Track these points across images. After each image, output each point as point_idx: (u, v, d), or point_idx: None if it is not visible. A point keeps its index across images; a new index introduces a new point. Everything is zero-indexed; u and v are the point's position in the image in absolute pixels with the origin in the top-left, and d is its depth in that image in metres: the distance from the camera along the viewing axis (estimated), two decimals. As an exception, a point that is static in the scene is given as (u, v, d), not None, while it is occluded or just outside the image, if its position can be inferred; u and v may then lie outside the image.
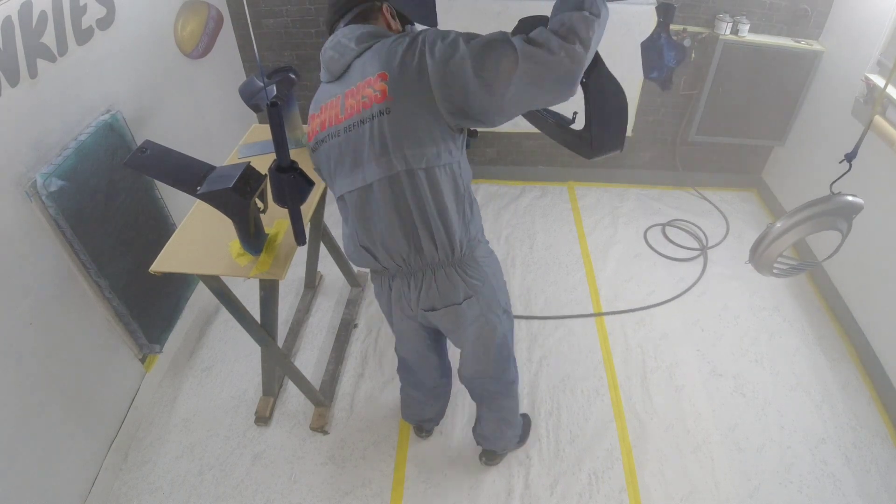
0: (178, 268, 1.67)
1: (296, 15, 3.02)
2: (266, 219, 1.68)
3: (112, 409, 2.11)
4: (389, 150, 1.23)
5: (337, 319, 2.69)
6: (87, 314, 1.95)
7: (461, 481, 2.08)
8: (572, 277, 2.92)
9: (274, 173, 1.41)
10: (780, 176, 3.36)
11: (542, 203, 3.44)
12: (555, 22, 1.11)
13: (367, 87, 1.22)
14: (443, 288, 1.46)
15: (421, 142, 1.23)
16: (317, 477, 2.10)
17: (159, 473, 2.11)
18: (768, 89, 2.97)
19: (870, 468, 2.12)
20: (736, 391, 2.38)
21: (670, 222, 3.28)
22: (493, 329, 1.61)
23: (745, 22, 2.81)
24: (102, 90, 1.99)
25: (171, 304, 2.37)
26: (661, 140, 3.41)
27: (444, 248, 1.37)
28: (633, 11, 2.82)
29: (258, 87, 1.91)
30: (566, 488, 2.05)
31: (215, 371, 2.47)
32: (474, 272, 1.47)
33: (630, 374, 2.45)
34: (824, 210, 1.45)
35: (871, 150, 2.10)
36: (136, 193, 2.13)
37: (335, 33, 1.36)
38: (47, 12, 1.68)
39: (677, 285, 2.88)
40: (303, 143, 2.13)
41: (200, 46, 2.65)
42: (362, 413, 2.31)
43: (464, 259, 1.43)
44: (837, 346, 2.59)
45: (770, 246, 1.51)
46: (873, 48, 2.48)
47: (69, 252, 1.83)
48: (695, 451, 2.16)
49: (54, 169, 1.71)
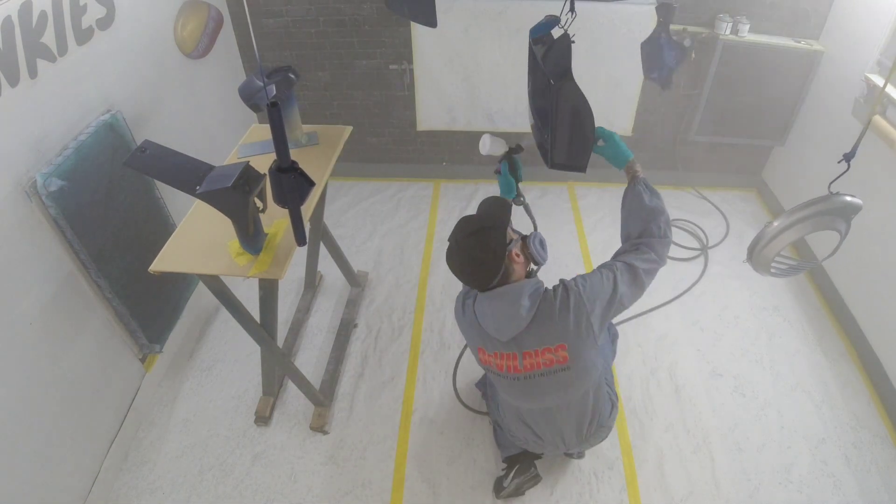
0: (177, 267, 1.67)
1: (296, 15, 3.02)
2: (266, 219, 1.68)
3: (112, 409, 2.12)
4: (566, 389, 1.60)
5: (337, 319, 2.69)
6: (87, 314, 1.95)
7: (461, 481, 2.08)
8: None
9: (274, 173, 1.41)
10: (780, 176, 3.36)
11: (542, 203, 3.44)
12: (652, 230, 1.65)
13: (549, 353, 1.52)
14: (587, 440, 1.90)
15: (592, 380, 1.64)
16: (317, 477, 2.10)
17: (159, 473, 2.11)
18: (768, 89, 2.97)
19: (870, 468, 2.12)
20: (736, 391, 2.38)
21: (670, 222, 3.28)
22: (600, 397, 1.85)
23: (745, 22, 2.81)
24: (102, 90, 2.00)
25: (171, 304, 2.37)
26: (661, 140, 3.41)
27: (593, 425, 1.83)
28: (633, 11, 2.82)
29: (258, 87, 1.91)
30: (566, 488, 2.05)
31: (215, 371, 2.47)
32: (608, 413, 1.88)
33: (630, 374, 2.45)
34: (822, 210, 1.45)
35: (871, 150, 2.10)
36: (136, 193, 2.13)
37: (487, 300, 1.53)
38: (47, 12, 1.68)
39: (677, 285, 2.88)
40: (302, 143, 2.13)
41: (200, 46, 2.66)
42: (362, 413, 2.31)
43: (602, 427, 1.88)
44: (837, 346, 2.59)
45: (767, 245, 1.51)
46: (873, 48, 2.48)
47: (69, 252, 1.83)
48: (695, 451, 2.16)
49: (54, 169, 1.71)
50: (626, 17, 2.84)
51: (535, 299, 1.49)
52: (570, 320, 1.48)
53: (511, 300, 1.48)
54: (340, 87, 3.27)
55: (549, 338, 1.50)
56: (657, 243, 1.60)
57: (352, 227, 3.25)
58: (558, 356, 1.51)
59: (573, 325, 1.48)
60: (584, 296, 1.50)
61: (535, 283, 1.54)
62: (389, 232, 3.22)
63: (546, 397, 1.62)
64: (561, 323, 1.48)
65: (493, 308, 1.51)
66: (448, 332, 2.63)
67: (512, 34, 2.89)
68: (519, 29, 2.86)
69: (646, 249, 1.59)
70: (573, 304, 1.49)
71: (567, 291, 1.51)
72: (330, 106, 3.35)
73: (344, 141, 2.16)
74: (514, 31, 2.88)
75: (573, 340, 1.50)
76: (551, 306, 1.49)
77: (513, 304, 1.48)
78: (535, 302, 1.49)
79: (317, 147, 2.12)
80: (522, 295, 1.48)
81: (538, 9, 1.53)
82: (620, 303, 1.53)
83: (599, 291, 1.51)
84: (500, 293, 1.49)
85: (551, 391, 1.59)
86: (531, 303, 1.48)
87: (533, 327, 1.49)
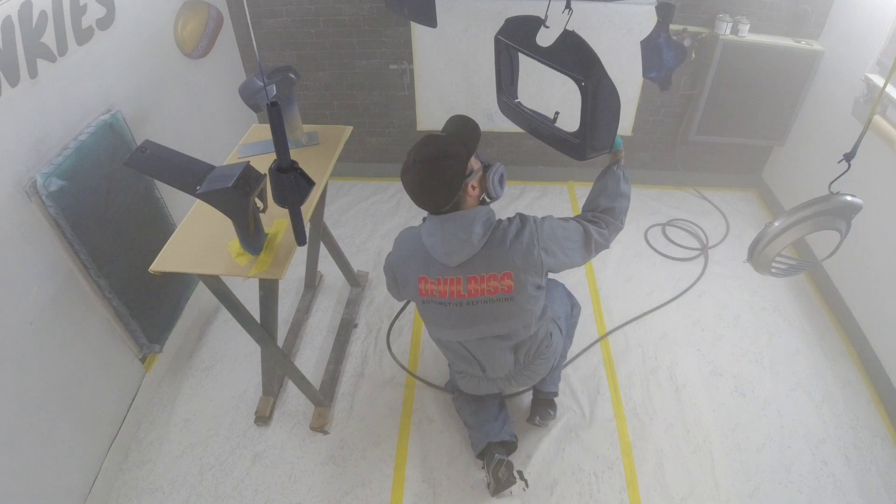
0: (177, 267, 1.67)
1: (296, 15, 3.02)
2: (266, 219, 1.68)
3: (112, 409, 2.12)
4: (506, 321, 1.62)
5: (337, 319, 2.69)
6: (87, 314, 1.95)
7: (461, 481, 2.08)
8: (572, 277, 2.92)
9: (274, 173, 1.41)
10: (780, 176, 3.36)
11: (542, 203, 3.44)
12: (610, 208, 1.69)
13: (494, 280, 1.54)
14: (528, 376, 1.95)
15: (535, 313, 1.65)
16: (317, 477, 2.10)
17: (159, 473, 2.11)
18: (768, 89, 2.97)
19: (870, 468, 2.12)
20: (736, 391, 2.38)
21: (670, 222, 3.28)
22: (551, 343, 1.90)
23: (745, 22, 2.81)
24: (102, 90, 2.00)
25: (171, 304, 2.37)
26: (661, 140, 3.41)
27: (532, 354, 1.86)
28: (633, 11, 2.82)
29: (258, 87, 1.91)
30: (566, 488, 2.05)
31: (215, 371, 2.48)
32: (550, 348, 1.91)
33: (630, 373, 2.45)
34: (823, 210, 1.45)
35: (871, 149, 2.10)
36: (136, 193, 2.13)
37: (437, 224, 1.54)
38: (47, 12, 1.68)
39: (677, 285, 2.88)
40: (303, 143, 2.13)
41: (200, 46, 2.66)
42: (362, 413, 2.31)
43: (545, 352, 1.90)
44: (837, 346, 2.59)
45: (768, 245, 1.51)
46: (873, 48, 2.48)
47: (69, 252, 1.83)
48: (695, 451, 2.16)
49: (54, 169, 1.71)
50: (625, 17, 2.84)
51: (488, 227, 1.52)
52: (521, 251, 1.51)
53: (464, 226, 1.49)
54: (340, 87, 3.27)
55: (498, 265, 1.52)
56: (613, 225, 1.69)
57: (352, 227, 3.25)
58: (503, 284, 1.53)
59: (523, 257, 1.51)
60: (541, 231, 1.54)
61: (488, 211, 1.56)
62: (389, 232, 3.22)
63: (484, 326, 1.63)
64: (511, 252, 1.51)
65: (444, 232, 1.51)
66: (448, 332, 2.63)
67: (512, 34, 2.89)
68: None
69: (603, 225, 1.67)
70: (527, 236, 1.52)
71: (523, 224, 1.55)
72: (330, 106, 3.35)
73: (344, 141, 2.17)
74: (514, 31, 2.88)
75: (521, 271, 1.52)
76: (504, 234, 1.53)
77: (465, 230, 1.49)
78: (488, 230, 1.52)
79: (317, 147, 2.12)
80: (476, 222, 1.50)
81: (538, 9, 1.53)
82: (568, 254, 1.59)
83: (558, 232, 1.57)
84: (451, 218, 1.51)
85: (490, 320, 1.61)
86: (483, 230, 1.51)
87: (482, 253, 1.52)
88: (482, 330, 1.65)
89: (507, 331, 1.66)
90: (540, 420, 2.14)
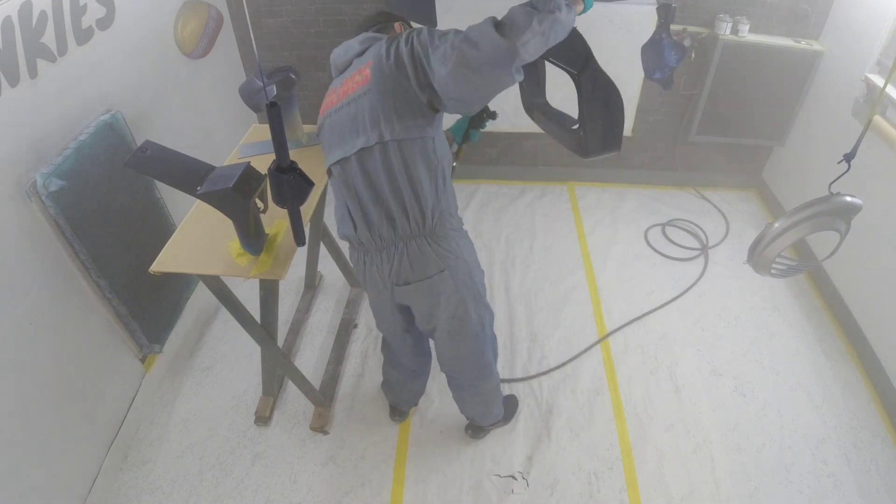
0: (178, 268, 1.67)
1: (296, 15, 3.02)
2: (266, 219, 1.68)
3: (112, 409, 2.11)
4: (368, 125, 1.38)
5: (337, 319, 2.69)
6: (87, 314, 1.95)
7: (461, 482, 2.08)
8: (572, 277, 2.92)
9: (274, 173, 1.41)
10: (780, 176, 3.36)
11: (542, 203, 3.44)
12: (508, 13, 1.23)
13: (358, 74, 1.40)
14: (415, 260, 1.53)
15: (393, 118, 1.36)
16: (317, 477, 2.10)
17: (159, 473, 2.11)
18: (768, 89, 2.97)
19: (870, 468, 2.12)
20: (736, 391, 2.38)
21: (670, 222, 3.28)
22: (466, 310, 1.64)
23: (745, 22, 2.81)
24: (102, 90, 1.99)
25: (171, 304, 2.37)
26: (661, 140, 3.41)
27: (415, 217, 1.48)
28: (633, 12, 2.82)
29: (258, 87, 1.91)
30: (566, 488, 2.05)
31: (215, 371, 2.48)
32: (446, 245, 1.54)
33: (630, 373, 2.45)
34: (823, 210, 1.45)
35: (871, 150, 2.10)
36: (136, 193, 2.13)
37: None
38: (47, 12, 1.68)
39: (677, 285, 2.88)
40: (303, 143, 2.13)
41: (200, 46, 2.65)
42: (362, 413, 2.31)
43: (435, 230, 1.52)
44: (837, 346, 2.59)
45: (768, 246, 1.51)
46: (873, 48, 2.48)
47: (69, 252, 1.83)
48: (695, 451, 2.16)
49: (54, 169, 1.71)
50: (626, 17, 2.84)
51: (372, 40, 1.46)
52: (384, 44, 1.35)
53: (356, 39, 1.50)
54: (340, 87, 3.27)
55: (364, 60, 1.40)
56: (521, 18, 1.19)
57: (352, 227, 3.24)
58: (362, 75, 1.38)
59: (385, 48, 1.34)
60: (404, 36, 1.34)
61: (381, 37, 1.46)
62: (389, 232, 3.22)
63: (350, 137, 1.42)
64: (375, 51, 1.37)
65: (342, 45, 1.54)
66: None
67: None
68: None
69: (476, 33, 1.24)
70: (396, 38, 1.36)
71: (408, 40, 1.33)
72: (330, 106, 3.34)
73: (344, 141, 2.16)
74: (514, 31, 2.88)
75: (380, 60, 1.33)
76: (381, 43, 1.38)
77: (354, 40, 1.51)
78: (370, 40, 1.46)
79: (317, 147, 2.12)
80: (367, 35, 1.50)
81: (538, 9, 1.51)
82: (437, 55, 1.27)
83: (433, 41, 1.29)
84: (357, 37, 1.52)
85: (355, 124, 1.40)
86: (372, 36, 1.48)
87: (357, 60, 1.46)
88: (351, 142, 1.42)
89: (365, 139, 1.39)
90: (472, 434, 2.21)
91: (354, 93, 1.40)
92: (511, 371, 2.45)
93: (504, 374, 2.43)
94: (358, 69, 1.41)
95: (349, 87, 1.42)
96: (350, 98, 1.41)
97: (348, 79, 1.44)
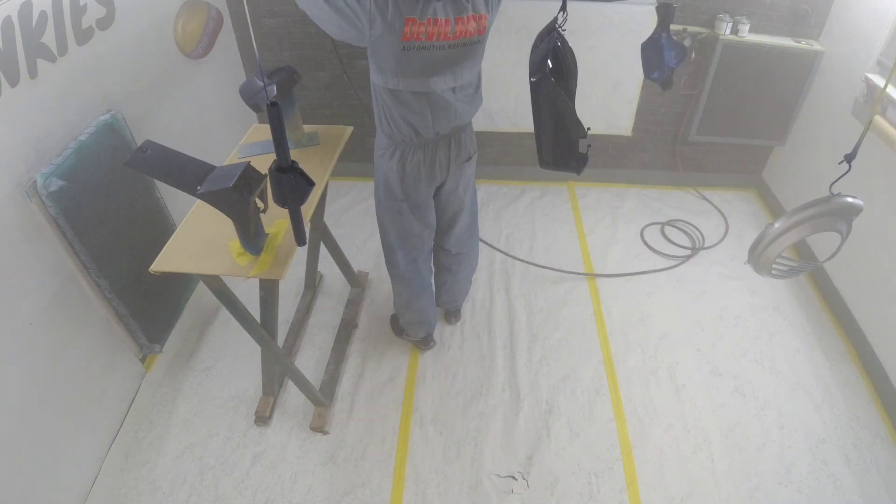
0: (178, 268, 1.67)
1: (296, 15, 3.01)
2: (266, 219, 1.68)
3: (112, 409, 2.11)
4: (476, 63, 1.73)
5: (337, 319, 2.69)
6: (87, 314, 1.95)
7: (461, 481, 2.08)
8: (571, 278, 2.92)
9: (274, 173, 1.41)
10: (780, 176, 3.36)
11: (542, 203, 3.44)
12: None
13: (474, 21, 1.60)
14: (468, 140, 1.96)
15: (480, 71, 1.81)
16: (317, 477, 2.10)
17: (159, 473, 2.11)
18: (768, 89, 2.97)
19: (870, 468, 2.12)
20: (736, 391, 2.38)
21: (669, 222, 3.28)
22: (475, 191, 2.15)
23: (745, 22, 2.81)
24: (102, 90, 1.99)
25: (171, 304, 2.37)
26: (661, 140, 3.41)
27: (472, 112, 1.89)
28: (633, 11, 2.82)
29: (258, 87, 1.90)
30: (566, 488, 2.05)
31: (215, 371, 2.47)
32: (471, 129, 1.98)
33: (630, 373, 2.45)
34: (823, 211, 1.45)
35: (871, 150, 2.10)
36: (136, 193, 2.13)
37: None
38: (47, 12, 1.68)
39: (677, 285, 2.88)
40: (303, 143, 2.13)
41: (200, 46, 2.65)
42: (362, 413, 2.31)
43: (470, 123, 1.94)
44: (837, 346, 2.59)
45: (768, 247, 1.51)
46: (873, 48, 2.48)
47: (69, 252, 1.83)
48: (695, 451, 2.17)
49: (54, 169, 1.71)
50: (625, 17, 2.84)
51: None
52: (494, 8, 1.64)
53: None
54: (340, 87, 3.27)
55: (480, 4, 1.59)
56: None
57: (352, 227, 3.24)
58: (480, 25, 1.61)
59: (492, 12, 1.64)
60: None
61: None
62: (389, 232, 3.22)
63: (450, 75, 1.68)
64: (483, 2, 1.60)
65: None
66: (448, 331, 2.63)
67: (512, 34, 2.89)
68: (519, 29, 2.86)
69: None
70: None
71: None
72: (330, 106, 3.34)
73: (344, 141, 2.16)
74: (513, 30, 2.88)
75: (492, 13, 1.64)
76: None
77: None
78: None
79: (317, 147, 2.12)
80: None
81: (538, 9, 1.53)
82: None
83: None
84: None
85: (461, 63, 1.67)
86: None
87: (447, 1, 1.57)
88: (447, 80, 1.69)
89: (466, 80, 1.74)
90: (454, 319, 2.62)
91: (470, 38, 1.61)
92: (511, 371, 2.45)
93: (504, 374, 2.44)
94: (472, 15, 1.58)
95: (464, 30, 1.59)
96: (466, 41, 1.61)
97: (461, 19, 1.57)
